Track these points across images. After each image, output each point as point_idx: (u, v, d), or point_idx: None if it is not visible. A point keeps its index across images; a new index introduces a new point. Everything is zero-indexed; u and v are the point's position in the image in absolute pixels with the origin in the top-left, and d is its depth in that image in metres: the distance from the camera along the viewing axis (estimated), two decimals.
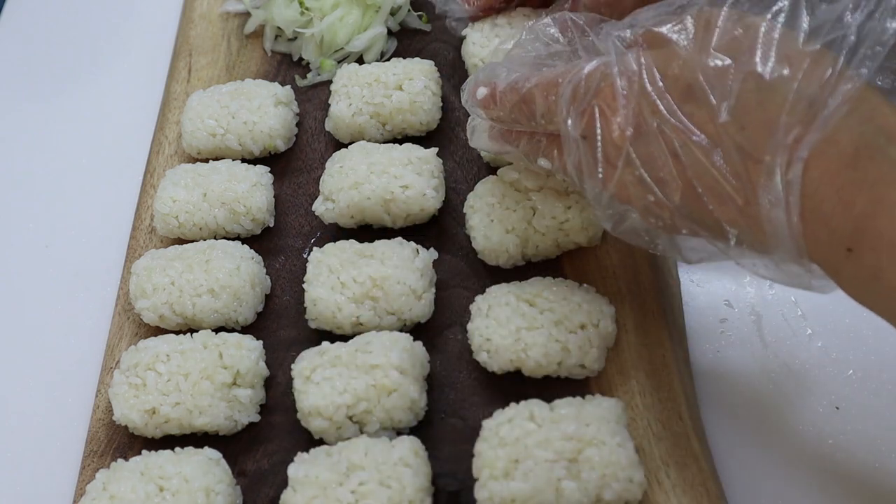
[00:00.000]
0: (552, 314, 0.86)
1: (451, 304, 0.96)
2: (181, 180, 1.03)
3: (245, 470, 0.89)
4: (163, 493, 0.83)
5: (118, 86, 1.30)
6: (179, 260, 0.97)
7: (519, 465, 0.78)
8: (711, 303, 0.99)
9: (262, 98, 1.09)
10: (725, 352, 0.95)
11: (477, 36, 1.09)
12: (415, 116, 1.06)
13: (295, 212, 1.06)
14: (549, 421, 0.79)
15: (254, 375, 0.91)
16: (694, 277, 1.00)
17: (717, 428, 0.90)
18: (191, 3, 1.29)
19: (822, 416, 0.90)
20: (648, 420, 0.85)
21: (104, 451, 0.92)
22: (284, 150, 1.10)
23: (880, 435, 0.88)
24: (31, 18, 1.41)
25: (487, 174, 1.00)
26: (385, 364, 0.85)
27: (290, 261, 1.03)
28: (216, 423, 0.88)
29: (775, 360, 0.94)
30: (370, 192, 0.97)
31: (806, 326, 0.96)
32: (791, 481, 0.87)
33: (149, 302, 0.96)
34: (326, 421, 0.85)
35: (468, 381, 0.91)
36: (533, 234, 0.93)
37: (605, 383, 0.88)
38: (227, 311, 0.95)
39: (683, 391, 0.87)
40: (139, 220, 1.09)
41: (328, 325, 0.93)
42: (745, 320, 0.97)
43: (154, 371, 0.89)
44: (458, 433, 0.88)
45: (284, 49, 1.21)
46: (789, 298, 0.97)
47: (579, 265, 0.95)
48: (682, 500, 0.80)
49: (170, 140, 1.15)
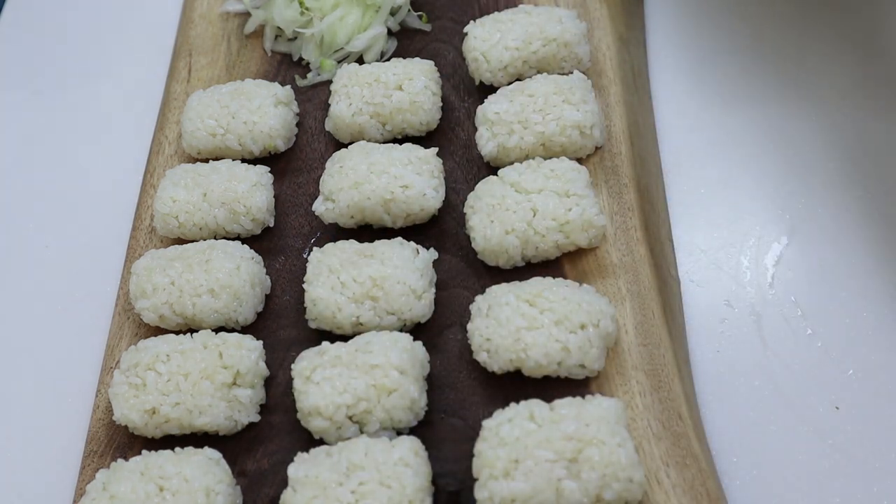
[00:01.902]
0: (552, 314, 0.86)
1: (451, 304, 0.96)
2: (181, 180, 1.03)
3: (245, 470, 0.89)
4: (163, 493, 0.83)
5: (118, 86, 1.31)
6: (179, 260, 0.97)
7: (519, 465, 0.78)
8: (711, 303, 0.99)
9: (262, 98, 1.09)
10: (725, 352, 0.95)
11: (479, 31, 1.08)
12: (415, 116, 1.06)
13: (295, 212, 1.06)
14: (549, 421, 0.79)
15: (254, 375, 0.91)
16: (694, 277, 1.01)
17: (717, 428, 0.90)
18: (191, 3, 1.29)
19: (822, 416, 0.90)
20: (648, 420, 0.85)
21: (104, 451, 0.92)
22: (284, 150, 1.10)
23: (880, 435, 0.88)
24: (31, 18, 1.41)
25: (487, 174, 1.00)
26: (385, 364, 0.85)
27: (290, 261, 1.02)
28: (216, 423, 0.88)
29: (775, 360, 0.94)
30: (370, 192, 0.97)
31: (806, 326, 0.96)
32: (791, 482, 0.87)
33: (149, 302, 0.96)
34: (326, 421, 0.85)
35: (468, 381, 0.91)
36: (533, 235, 0.93)
37: (605, 383, 0.88)
38: (227, 311, 0.95)
39: (683, 391, 0.87)
40: (139, 220, 1.09)
41: (328, 325, 0.93)
42: (745, 320, 0.97)
43: (154, 371, 0.89)
44: (458, 433, 0.88)
45: (284, 49, 1.21)
46: (789, 298, 0.97)
47: (579, 265, 0.95)
48: (682, 500, 0.80)
49: (170, 140, 1.15)
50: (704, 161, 1.09)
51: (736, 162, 1.09)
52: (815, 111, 1.11)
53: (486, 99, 1.04)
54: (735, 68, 1.17)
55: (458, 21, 1.18)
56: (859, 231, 1.01)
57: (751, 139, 1.10)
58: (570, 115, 0.99)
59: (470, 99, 1.11)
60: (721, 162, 1.09)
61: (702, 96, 1.15)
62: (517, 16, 1.08)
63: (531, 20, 1.07)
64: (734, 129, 1.11)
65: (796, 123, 1.10)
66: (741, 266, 1.01)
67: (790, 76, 1.15)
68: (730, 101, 1.14)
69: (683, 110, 1.14)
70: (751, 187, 1.07)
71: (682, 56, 1.19)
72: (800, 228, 1.02)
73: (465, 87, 1.12)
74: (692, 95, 1.15)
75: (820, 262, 1.00)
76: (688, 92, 1.16)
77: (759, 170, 1.08)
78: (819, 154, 1.07)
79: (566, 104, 0.99)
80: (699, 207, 1.06)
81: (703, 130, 1.12)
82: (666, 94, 1.16)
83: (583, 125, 0.99)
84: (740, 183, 1.07)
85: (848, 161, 1.06)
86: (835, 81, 1.13)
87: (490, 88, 1.08)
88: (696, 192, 1.07)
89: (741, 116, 1.12)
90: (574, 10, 1.12)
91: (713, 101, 1.15)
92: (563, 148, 1.00)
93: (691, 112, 1.14)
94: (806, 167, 1.07)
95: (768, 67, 1.16)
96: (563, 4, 1.16)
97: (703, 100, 1.15)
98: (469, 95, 1.12)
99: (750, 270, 1.00)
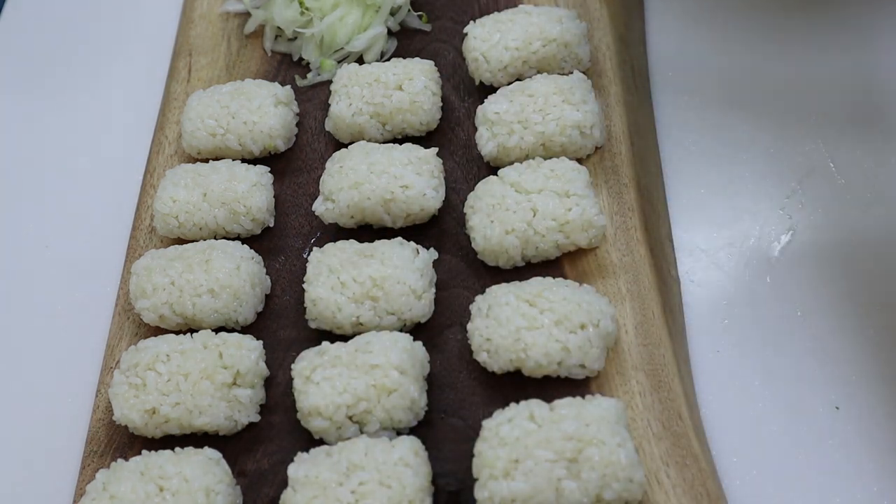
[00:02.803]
0: (552, 314, 0.86)
1: (451, 304, 0.96)
2: (181, 180, 1.03)
3: (245, 470, 0.89)
4: (163, 493, 0.83)
5: (118, 86, 1.31)
6: (179, 260, 0.97)
7: (519, 465, 0.78)
8: (711, 303, 0.99)
9: (262, 98, 1.09)
10: (725, 352, 0.95)
11: (479, 31, 1.08)
12: (415, 116, 1.06)
13: (295, 212, 1.06)
14: (549, 421, 0.79)
15: (254, 375, 0.91)
16: (694, 277, 1.01)
17: (717, 428, 0.90)
18: (191, 3, 1.29)
19: (822, 416, 0.90)
20: (648, 420, 0.85)
21: (104, 451, 0.92)
22: (284, 150, 1.10)
23: (880, 435, 0.88)
24: (32, 19, 1.41)
25: (487, 174, 1.00)
26: (385, 364, 0.85)
27: (290, 261, 1.03)
28: (216, 423, 0.88)
29: (775, 361, 0.94)
30: (370, 192, 0.97)
31: (806, 326, 0.96)
32: (791, 481, 0.87)
33: (149, 302, 0.96)
34: (326, 421, 0.85)
35: (468, 381, 0.91)
36: (533, 235, 0.93)
37: (605, 383, 0.88)
38: (227, 311, 0.95)
39: (683, 391, 0.87)
40: (139, 220, 1.09)
41: (328, 325, 0.93)
42: (745, 320, 0.97)
43: (154, 371, 0.89)
44: (458, 433, 0.88)
45: (284, 49, 1.21)
46: (789, 298, 0.97)
47: (579, 265, 0.95)
48: (682, 500, 0.80)
49: (170, 140, 1.15)
50: (704, 161, 1.09)
51: (736, 162, 1.09)
52: (815, 110, 1.11)
53: (486, 99, 1.04)
54: (735, 68, 1.17)
55: (458, 21, 1.18)
56: (859, 231, 1.01)
57: (751, 139, 1.10)
58: (570, 115, 0.99)
59: (470, 99, 1.11)
60: (721, 162, 1.09)
61: (702, 96, 1.15)
62: (517, 16, 1.08)
63: (531, 20, 1.07)
64: (734, 129, 1.11)
65: (796, 123, 1.10)
66: (741, 266, 1.01)
67: (790, 76, 1.14)
68: (730, 101, 1.14)
69: (683, 110, 1.14)
70: (751, 187, 1.07)
71: (681, 56, 1.19)
72: (800, 228, 1.02)
73: (465, 87, 1.12)
74: (692, 95, 1.15)
75: (820, 262, 1.00)
76: (688, 92, 1.16)
77: (759, 170, 1.08)
78: (819, 153, 1.08)
79: (566, 104, 0.99)
80: (699, 207, 1.06)
81: (703, 130, 1.12)
82: (666, 94, 1.16)
83: (583, 125, 0.99)
84: (740, 183, 1.07)
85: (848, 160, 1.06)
86: (835, 80, 1.13)
87: (490, 88, 1.08)
88: (696, 192, 1.07)
89: (741, 116, 1.12)
90: (574, 10, 1.12)
91: (713, 101, 1.15)
92: (563, 148, 1.00)
93: (691, 112, 1.14)
94: (806, 167, 1.07)
95: (768, 67, 1.16)
96: (563, 4, 1.16)
97: (703, 100, 1.15)
98: (469, 95, 1.12)
99: (750, 270, 1.00)
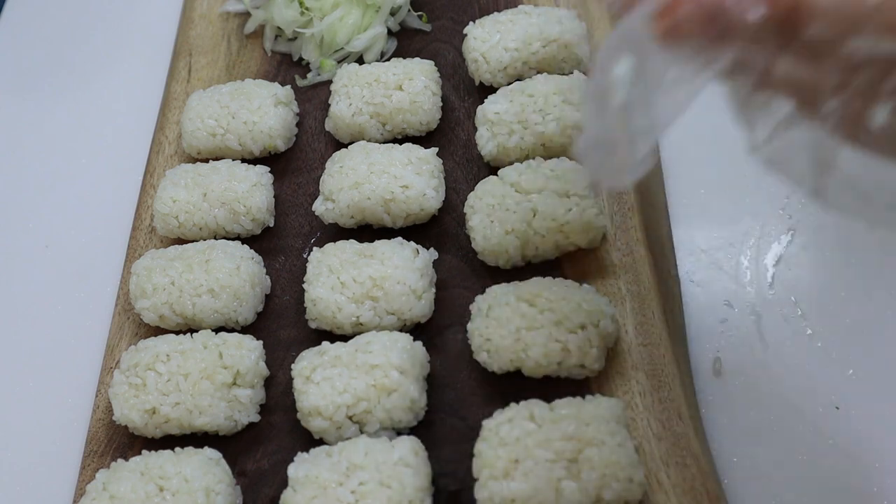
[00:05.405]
0: (552, 314, 0.86)
1: (451, 304, 0.96)
2: (181, 180, 1.03)
3: (245, 470, 0.89)
4: (163, 493, 0.83)
5: (118, 86, 1.30)
6: (179, 260, 0.97)
7: (519, 465, 0.78)
8: (711, 303, 0.99)
9: (262, 98, 1.09)
10: (725, 352, 0.95)
11: (478, 31, 1.08)
12: (415, 116, 1.06)
13: (295, 212, 1.06)
14: (549, 421, 0.79)
15: (254, 375, 0.91)
16: (694, 277, 1.00)
17: (717, 428, 0.90)
18: (191, 3, 1.29)
19: (822, 416, 0.90)
20: (648, 420, 0.85)
21: (104, 451, 0.92)
22: (284, 150, 1.10)
23: (880, 435, 0.88)
24: (31, 19, 1.41)
25: (487, 174, 1.00)
26: (385, 364, 0.85)
27: (290, 261, 1.02)
28: (216, 423, 0.88)
29: (775, 360, 0.94)
30: (370, 192, 0.97)
31: (806, 326, 0.96)
32: (791, 481, 0.87)
33: (149, 302, 0.96)
34: (326, 421, 0.85)
35: (468, 381, 0.91)
36: (533, 235, 0.93)
37: (605, 383, 0.88)
38: (227, 311, 0.95)
39: (683, 391, 0.87)
40: (139, 220, 1.09)
41: (328, 325, 0.93)
42: (745, 320, 0.97)
43: (154, 371, 0.89)
44: (458, 433, 0.88)
45: (284, 49, 1.21)
46: (789, 298, 0.97)
47: (579, 265, 0.95)
48: (682, 500, 0.80)
49: (170, 140, 1.15)
50: (704, 161, 1.09)
51: (736, 162, 1.09)
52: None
53: (486, 99, 1.04)
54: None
55: (458, 21, 1.18)
56: (859, 231, 1.01)
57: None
58: (570, 115, 0.99)
59: (470, 99, 1.11)
60: (721, 162, 1.09)
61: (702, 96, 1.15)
62: (517, 16, 1.08)
63: (531, 21, 1.07)
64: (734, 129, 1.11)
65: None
66: (741, 266, 1.01)
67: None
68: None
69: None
70: (751, 187, 1.06)
71: None
72: (800, 228, 1.02)
73: (465, 87, 1.12)
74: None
75: (820, 262, 1.00)
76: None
77: (759, 170, 1.07)
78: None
79: (566, 104, 0.99)
80: (699, 207, 1.06)
81: (703, 130, 1.12)
82: None
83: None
84: (740, 183, 1.07)
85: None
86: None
87: (490, 88, 1.08)
88: (696, 192, 1.07)
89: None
90: (574, 10, 1.12)
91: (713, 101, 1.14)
92: (564, 148, 1.00)
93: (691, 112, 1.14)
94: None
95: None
96: (563, 4, 1.16)
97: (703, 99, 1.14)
98: (469, 95, 1.12)
99: (750, 270, 1.00)
